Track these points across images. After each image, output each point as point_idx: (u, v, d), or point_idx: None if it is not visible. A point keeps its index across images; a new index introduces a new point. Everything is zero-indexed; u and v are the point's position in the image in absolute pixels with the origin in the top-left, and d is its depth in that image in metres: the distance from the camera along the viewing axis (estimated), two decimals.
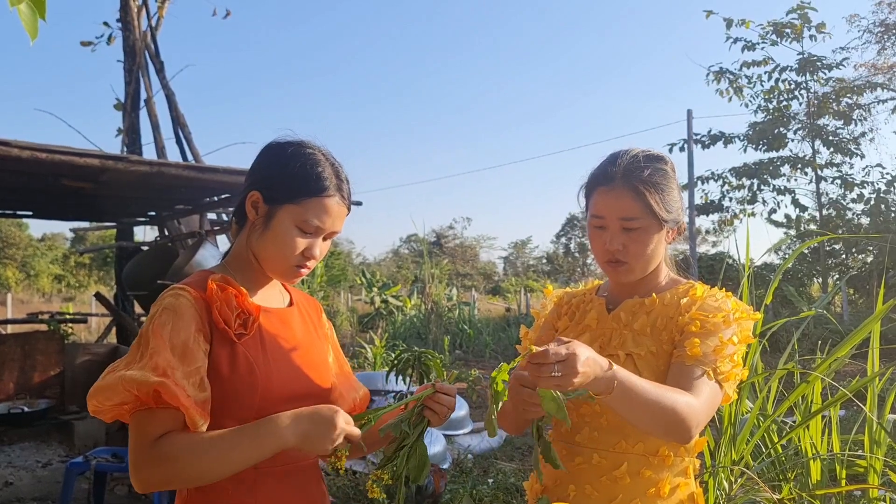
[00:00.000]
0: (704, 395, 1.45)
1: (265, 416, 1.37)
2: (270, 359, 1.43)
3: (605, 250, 1.59)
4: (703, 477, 2.93)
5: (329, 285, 19.16)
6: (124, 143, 8.58)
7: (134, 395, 1.28)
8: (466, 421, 6.99)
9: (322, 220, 1.45)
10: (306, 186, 1.44)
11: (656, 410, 1.37)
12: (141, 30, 8.82)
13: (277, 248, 1.44)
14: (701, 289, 1.62)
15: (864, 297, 17.87)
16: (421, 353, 1.70)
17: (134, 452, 1.29)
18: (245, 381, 1.38)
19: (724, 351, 1.50)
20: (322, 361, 1.55)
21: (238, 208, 1.51)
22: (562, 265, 47.20)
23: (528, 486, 1.74)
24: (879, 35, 20.37)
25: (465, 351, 14.53)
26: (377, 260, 49.03)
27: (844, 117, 19.56)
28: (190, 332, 1.34)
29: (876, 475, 3.01)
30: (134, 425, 1.30)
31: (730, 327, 1.54)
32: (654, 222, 1.56)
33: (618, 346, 1.59)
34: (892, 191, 19.18)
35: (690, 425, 1.40)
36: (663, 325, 1.58)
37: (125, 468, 4.37)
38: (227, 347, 1.38)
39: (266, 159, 1.51)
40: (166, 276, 6.12)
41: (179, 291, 1.39)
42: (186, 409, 1.28)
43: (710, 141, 20.10)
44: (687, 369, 1.49)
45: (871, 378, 3.01)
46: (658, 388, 1.39)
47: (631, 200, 1.54)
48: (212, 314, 1.38)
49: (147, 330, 1.34)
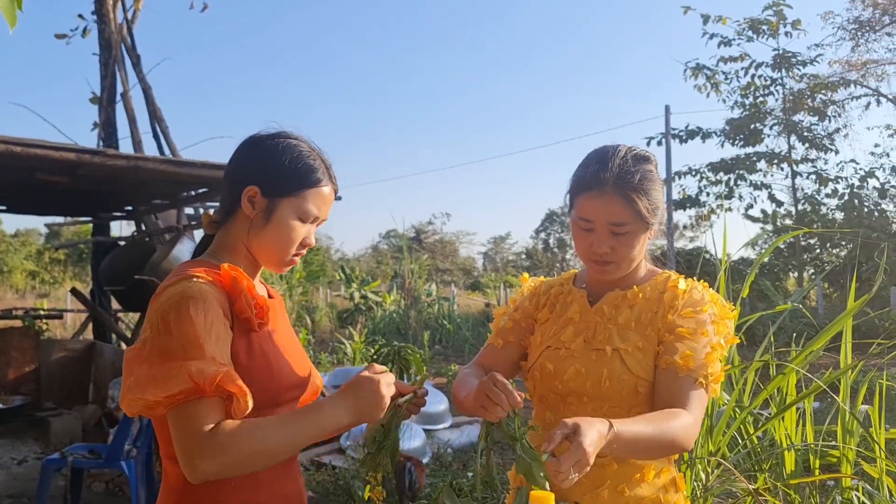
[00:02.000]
0: (697, 408, 1.51)
1: (277, 404, 1.43)
2: (278, 348, 1.47)
3: (592, 251, 1.60)
4: (680, 468, 2.96)
5: (308, 281, 19.07)
6: (100, 138, 8.49)
7: (194, 384, 1.26)
8: (446, 416, 7.00)
9: (320, 209, 1.51)
10: (304, 178, 1.48)
11: (658, 448, 1.45)
12: (117, 22, 8.72)
13: (280, 239, 1.47)
14: (680, 281, 1.65)
15: (838, 290, 18.13)
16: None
17: (188, 442, 1.27)
18: (262, 370, 1.40)
19: (713, 355, 1.55)
20: (301, 350, 1.61)
21: (228, 202, 1.51)
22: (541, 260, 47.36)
23: (512, 476, 1.75)
24: (853, 32, 20.64)
25: (444, 346, 14.56)
26: (356, 255, 48.87)
27: (819, 113, 19.81)
28: (221, 321, 1.35)
29: (849, 465, 3.07)
30: (183, 416, 1.28)
31: (714, 325, 1.58)
32: (642, 226, 1.59)
33: (604, 341, 1.61)
34: (865, 186, 19.47)
35: (688, 445, 1.47)
36: (648, 319, 1.61)
37: (102, 464, 4.34)
38: (245, 337, 1.40)
39: (258, 153, 1.51)
40: (143, 271, 6.08)
41: (199, 280, 1.36)
42: (244, 394, 1.29)
43: (688, 136, 20.27)
44: (680, 381, 1.52)
45: (844, 370, 3.06)
46: (656, 426, 1.41)
47: (622, 207, 1.55)
48: (236, 303, 1.39)
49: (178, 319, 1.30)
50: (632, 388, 1.56)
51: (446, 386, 9.19)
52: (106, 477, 5.11)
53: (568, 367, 1.61)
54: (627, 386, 1.56)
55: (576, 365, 1.61)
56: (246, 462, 1.29)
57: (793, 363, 3.02)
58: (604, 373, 1.57)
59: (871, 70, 20.71)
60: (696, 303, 1.60)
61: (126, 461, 4.23)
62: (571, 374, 1.61)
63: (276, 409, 1.45)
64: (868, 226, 18.01)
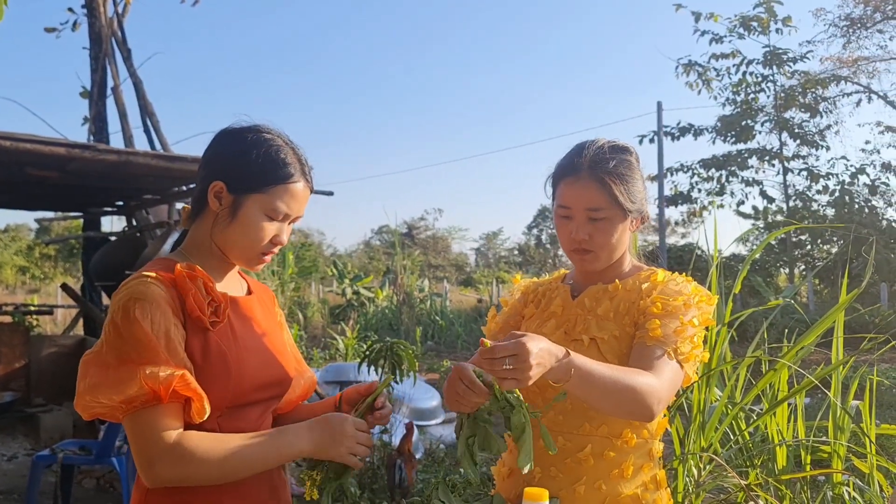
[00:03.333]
0: (665, 375, 1.48)
1: (238, 405, 1.39)
2: (241, 347, 1.43)
3: (572, 239, 1.61)
4: (672, 464, 2.97)
5: (300, 276, 19.03)
6: (91, 132, 8.43)
7: (149, 389, 1.25)
8: (438, 411, 7.01)
9: (290, 206, 1.45)
10: (273, 174, 1.43)
11: (616, 393, 1.40)
12: (107, 16, 8.65)
13: (246, 237, 1.43)
14: (662, 274, 1.66)
15: (829, 286, 18.22)
16: (393, 344, 1.71)
17: (147, 448, 1.26)
18: (218, 369, 1.37)
19: (684, 332, 1.53)
20: (283, 348, 1.57)
21: (197, 198, 1.48)
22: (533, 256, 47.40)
23: (496, 471, 1.77)
24: (845, 29, 20.71)
25: (436, 342, 14.55)
26: (348, 251, 48.79)
27: (810, 110, 19.91)
28: (170, 320, 1.32)
29: (839, 460, 3.08)
30: (142, 423, 1.27)
31: (690, 310, 1.57)
32: (619, 212, 1.59)
33: (582, 332, 1.62)
34: (855, 183, 19.57)
35: (651, 403, 1.42)
36: (626, 309, 1.62)
37: (93, 461, 4.32)
38: (200, 336, 1.37)
39: (225, 147, 1.47)
40: (135, 266, 6.05)
41: (148, 279, 1.35)
42: (200, 398, 1.28)
43: (680, 133, 20.35)
44: (648, 350, 1.52)
45: (835, 366, 3.07)
46: (617, 371, 1.41)
47: (597, 191, 1.57)
48: (186, 302, 1.36)
49: (126, 321, 1.30)
50: None
51: (439, 382, 9.20)
52: (97, 473, 5.09)
53: None
54: None
55: None
56: (204, 475, 1.29)
57: (784, 359, 3.03)
58: None
59: (862, 67, 20.83)
60: (671, 290, 1.60)
61: (117, 457, 4.21)
62: None
63: (245, 410, 1.43)
64: (859, 222, 18.11)
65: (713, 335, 3.06)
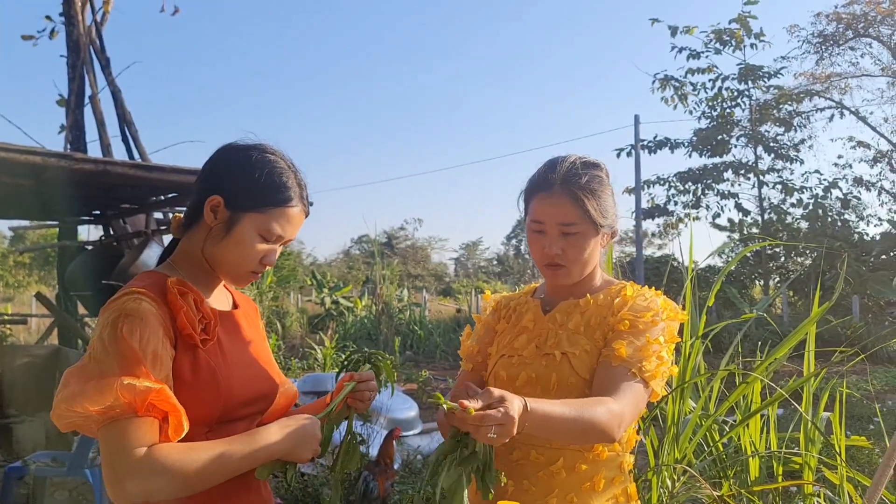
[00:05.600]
0: (628, 398, 1.50)
1: (227, 420, 1.39)
2: (229, 362, 1.43)
3: (545, 254, 1.63)
4: (646, 475, 3.00)
5: (279, 286, 18.93)
6: (68, 141, 8.36)
7: (126, 401, 1.23)
8: (416, 422, 7.01)
9: (284, 230, 1.45)
10: (272, 196, 1.43)
11: (577, 431, 1.41)
12: (85, 24, 8.61)
13: (237, 254, 1.43)
14: (631, 289, 1.68)
15: (803, 298, 18.43)
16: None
17: (119, 462, 1.23)
18: (208, 385, 1.36)
19: (649, 350, 1.56)
20: (269, 361, 1.57)
21: (193, 209, 1.47)
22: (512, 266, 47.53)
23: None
24: (818, 46, 21.05)
25: (415, 352, 14.54)
26: (328, 260, 48.67)
27: (785, 124, 20.19)
28: (158, 338, 1.31)
29: (811, 472, 3.13)
30: (114, 434, 1.24)
31: (657, 326, 1.59)
32: (592, 227, 1.62)
33: (553, 346, 1.64)
34: (828, 196, 19.86)
35: (612, 431, 1.44)
36: (597, 324, 1.64)
37: (66, 473, 4.28)
38: (190, 353, 1.36)
39: (228, 163, 1.47)
40: (112, 276, 6.01)
41: (138, 296, 1.33)
42: (178, 413, 1.27)
43: (657, 146, 20.53)
44: (613, 371, 1.54)
45: (806, 378, 3.12)
46: (576, 408, 1.41)
47: (570, 206, 1.60)
48: (177, 320, 1.35)
49: (112, 337, 1.28)
50: (580, 390, 1.58)
51: (417, 392, 9.18)
52: (69, 485, 5.03)
53: (520, 373, 1.64)
54: (576, 389, 1.58)
55: (527, 371, 1.63)
56: (178, 487, 1.26)
57: (756, 371, 3.07)
58: (553, 377, 1.59)
59: (834, 83, 21.16)
60: (639, 307, 1.62)
61: (90, 469, 4.17)
62: (523, 380, 1.63)
63: (232, 426, 1.42)
64: (831, 235, 18.38)
65: (687, 347, 3.10)
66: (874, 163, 21.28)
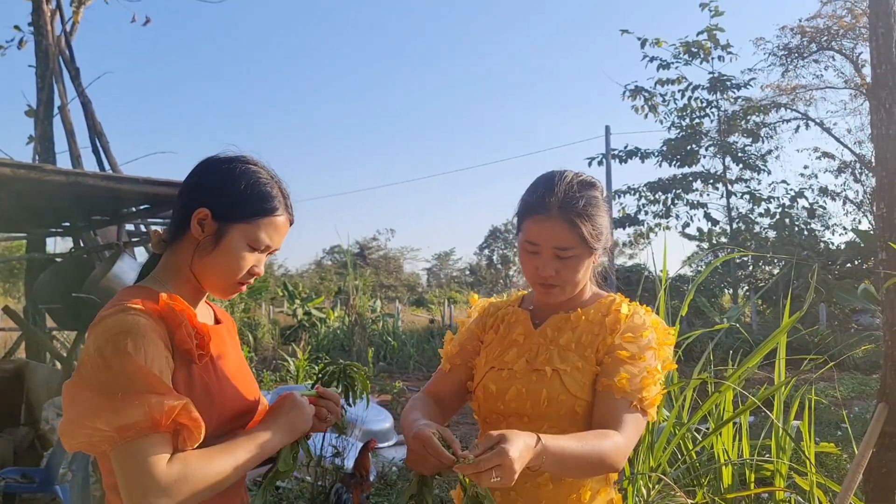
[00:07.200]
0: (630, 429, 1.54)
1: (218, 435, 1.39)
2: (220, 378, 1.44)
3: (538, 275, 1.64)
4: (622, 484, 3.03)
5: (250, 297, 18.78)
6: (36, 152, 8.24)
7: (151, 418, 1.23)
8: (391, 433, 6.99)
9: (272, 239, 1.48)
10: (260, 206, 1.45)
11: (587, 465, 1.46)
12: (54, 34, 8.50)
13: (226, 266, 1.44)
14: (625, 307, 1.69)
15: (771, 307, 18.71)
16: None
17: (145, 479, 1.23)
18: (202, 401, 1.36)
19: (649, 378, 1.58)
20: (250, 374, 1.58)
21: (177, 223, 1.47)
22: (485, 276, 47.64)
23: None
24: (783, 58, 21.46)
25: (389, 363, 14.49)
26: (300, 271, 48.36)
27: (752, 135, 20.55)
28: (162, 355, 1.31)
29: (782, 478, 3.19)
30: (133, 453, 1.24)
31: (652, 350, 1.62)
32: (586, 250, 1.62)
33: (544, 362, 1.64)
34: (795, 206, 20.22)
35: (617, 463, 1.50)
36: (588, 341, 1.64)
37: (35, 489, 4.21)
38: (185, 369, 1.36)
39: (212, 176, 1.48)
40: (82, 289, 5.93)
41: (135, 312, 1.32)
42: (199, 427, 1.28)
43: (627, 156, 20.77)
44: (615, 403, 1.56)
45: (777, 387, 3.19)
46: (585, 443, 1.44)
47: (566, 232, 1.59)
48: (176, 335, 1.35)
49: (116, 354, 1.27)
50: (570, 408, 1.59)
51: (391, 403, 9.16)
52: (40, 502, 4.94)
53: (509, 387, 1.65)
54: (566, 406, 1.59)
55: (517, 385, 1.64)
56: (200, 492, 1.28)
57: (729, 380, 3.13)
58: (543, 393, 1.60)
59: (800, 95, 21.60)
60: (637, 328, 1.64)
61: (61, 485, 4.11)
62: (513, 394, 1.64)
63: (222, 440, 1.41)
64: (798, 244, 18.70)
65: None
66: (839, 173, 21.77)
